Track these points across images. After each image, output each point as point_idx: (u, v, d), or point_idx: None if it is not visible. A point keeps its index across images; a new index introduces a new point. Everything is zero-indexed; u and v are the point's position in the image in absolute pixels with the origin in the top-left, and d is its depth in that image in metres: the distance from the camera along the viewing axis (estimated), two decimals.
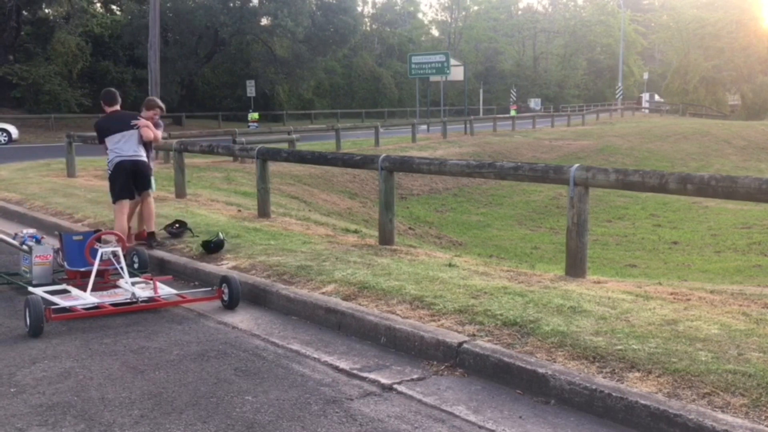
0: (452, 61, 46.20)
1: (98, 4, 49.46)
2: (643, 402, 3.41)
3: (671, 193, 5.58)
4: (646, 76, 78.96)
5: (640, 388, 3.56)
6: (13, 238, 6.61)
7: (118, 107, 7.67)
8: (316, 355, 4.60)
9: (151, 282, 5.91)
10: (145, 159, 7.64)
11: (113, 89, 7.75)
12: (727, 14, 71.84)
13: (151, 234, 7.69)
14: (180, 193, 11.27)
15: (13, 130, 28.87)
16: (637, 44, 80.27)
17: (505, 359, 4.05)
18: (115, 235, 6.50)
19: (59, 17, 41.96)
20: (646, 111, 66.77)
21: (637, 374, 3.71)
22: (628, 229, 20.16)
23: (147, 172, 7.70)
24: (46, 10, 42.50)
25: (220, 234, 7.42)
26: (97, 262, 5.86)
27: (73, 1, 40.38)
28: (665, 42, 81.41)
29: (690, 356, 3.84)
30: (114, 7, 49.72)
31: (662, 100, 73.85)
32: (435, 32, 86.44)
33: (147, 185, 7.70)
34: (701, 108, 68.57)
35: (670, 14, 79.70)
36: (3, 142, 28.08)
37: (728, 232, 18.86)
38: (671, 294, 5.23)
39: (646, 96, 73.43)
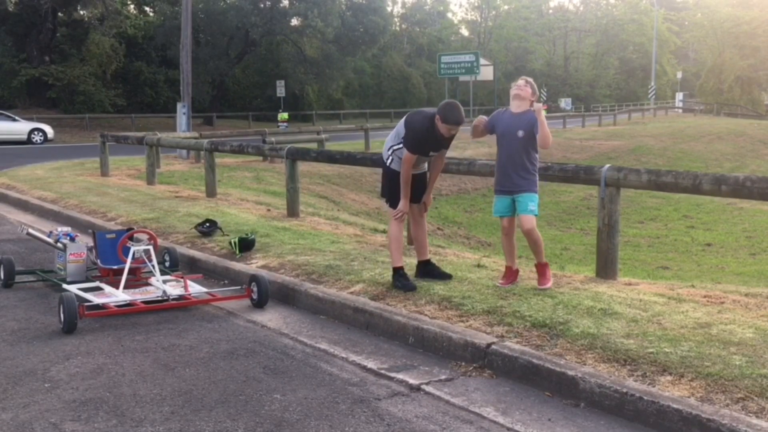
0: (482, 61, 46.05)
1: (132, 6, 50.20)
2: (675, 406, 3.36)
3: (705, 194, 5.49)
4: (679, 75, 77.75)
5: (672, 392, 3.51)
6: (48, 236, 6.73)
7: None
8: (344, 355, 4.61)
9: (182, 280, 5.98)
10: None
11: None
12: (762, 12, 70.31)
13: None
14: (211, 193, 11.39)
15: (49, 130, 29.39)
16: (670, 43, 79.03)
17: (534, 361, 4.02)
18: (147, 233, 6.58)
19: (94, 19, 42.68)
20: (680, 111, 65.70)
21: (669, 378, 3.65)
22: (661, 230, 19.85)
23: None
24: (81, 12, 43.24)
25: (248, 234, 7.47)
26: (129, 260, 5.94)
27: (108, 3, 41.02)
28: (699, 41, 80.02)
29: (724, 360, 3.77)
30: (147, 8, 50.42)
31: (696, 99, 72.67)
32: (465, 32, 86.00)
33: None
34: (736, 108, 67.23)
35: (704, 13, 78.35)
36: (39, 141, 28.59)
37: (764, 234, 18.47)
38: (705, 297, 5.14)
39: (679, 95, 72.30)
